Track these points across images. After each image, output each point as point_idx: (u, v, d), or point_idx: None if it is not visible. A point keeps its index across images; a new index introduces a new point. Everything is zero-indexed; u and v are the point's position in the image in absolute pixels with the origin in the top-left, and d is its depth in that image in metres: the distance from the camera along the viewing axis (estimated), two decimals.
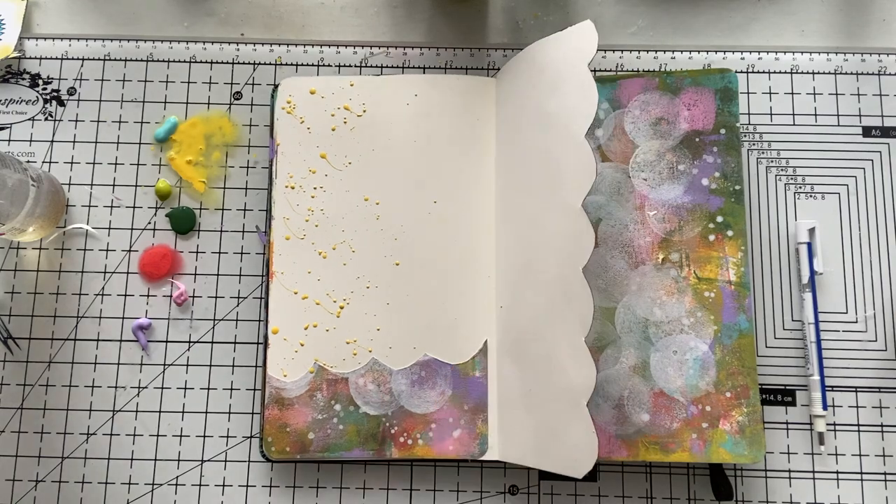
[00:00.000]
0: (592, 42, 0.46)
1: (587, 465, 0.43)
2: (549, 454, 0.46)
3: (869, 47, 0.55)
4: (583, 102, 0.46)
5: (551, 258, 0.47)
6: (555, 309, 0.46)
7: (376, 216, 0.52)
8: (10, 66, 0.55)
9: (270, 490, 0.51)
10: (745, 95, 0.54)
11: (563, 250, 0.46)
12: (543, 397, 0.46)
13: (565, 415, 0.45)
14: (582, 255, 0.44)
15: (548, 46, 0.50)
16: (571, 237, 0.45)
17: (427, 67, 0.56)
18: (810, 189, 0.53)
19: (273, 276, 0.51)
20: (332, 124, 0.53)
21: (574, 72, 0.47)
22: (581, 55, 0.47)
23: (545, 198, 0.48)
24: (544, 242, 0.47)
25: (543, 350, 0.47)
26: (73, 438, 0.51)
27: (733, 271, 0.50)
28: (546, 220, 0.47)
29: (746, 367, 0.48)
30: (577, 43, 0.48)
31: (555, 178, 0.47)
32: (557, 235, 0.46)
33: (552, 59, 0.49)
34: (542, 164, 0.48)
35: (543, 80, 0.49)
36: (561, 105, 0.47)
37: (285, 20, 0.56)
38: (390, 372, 0.50)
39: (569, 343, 0.45)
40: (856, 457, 0.50)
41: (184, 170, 0.54)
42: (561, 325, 0.45)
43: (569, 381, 0.45)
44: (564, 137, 0.46)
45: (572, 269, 0.45)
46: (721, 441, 0.48)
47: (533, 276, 0.48)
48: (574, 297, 0.45)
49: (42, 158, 0.54)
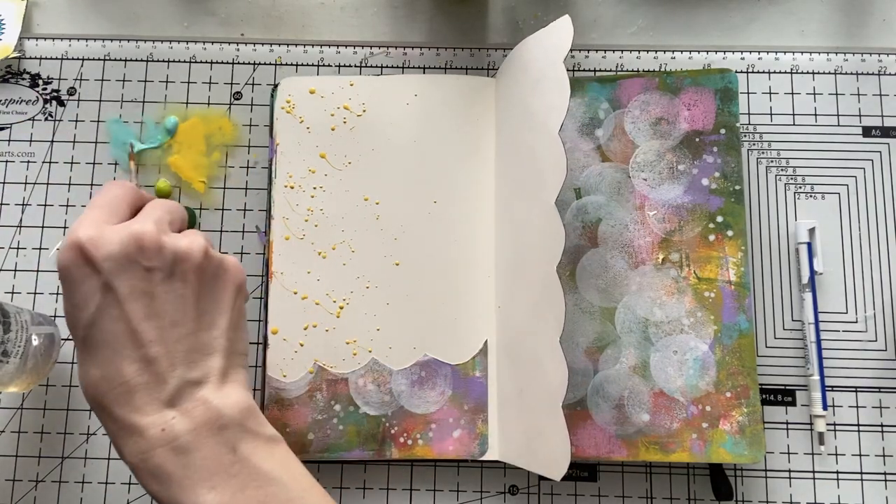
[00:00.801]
0: (567, 38, 0.46)
1: (562, 468, 0.43)
2: (535, 455, 0.46)
3: (869, 47, 0.55)
4: (558, 98, 0.46)
5: (534, 257, 0.47)
6: (537, 308, 0.46)
7: (376, 216, 0.52)
8: (10, 66, 0.55)
9: None
10: (745, 95, 0.54)
11: (542, 249, 0.45)
12: (530, 398, 0.46)
13: (545, 416, 0.44)
14: (555, 253, 0.44)
15: (531, 44, 0.50)
16: (548, 235, 0.45)
17: (427, 67, 0.56)
18: (810, 189, 0.53)
19: (272, 276, 0.51)
20: (332, 124, 0.53)
21: (552, 68, 0.47)
22: (558, 51, 0.46)
23: (530, 196, 0.48)
24: (529, 241, 0.47)
25: (530, 350, 0.47)
26: (73, 438, 0.51)
27: (733, 271, 0.50)
28: (530, 218, 0.47)
29: (746, 367, 0.48)
30: (555, 39, 0.47)
31: (537, 176, 0.47)
32: (539, 234, 0.46)
33: (534, 57, 0.49)
34: (527, 162, 0.48)
35: (527, 78, 0.49)
36: (541, 102, 0.47)
37: (285, 20, 0.56)
38: (390, 372, 0.50)
39: (547, 343, 0.44)
40: (856, 457, 0.50)
41: (184, 170, 0.54)
42: (543, 325, 0.45)
43: (549, 381, 0.44)
44: (544, 135, 0.46)
45: (548, 268, 0.45)
46: (721, 441, 0.48)
47: (521, 275, 0.48)
48: (550, 297, 0.45)
49: (42, 158, 0.54)
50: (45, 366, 0.49)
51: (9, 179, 0.54)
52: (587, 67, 0.55)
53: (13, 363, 0.45)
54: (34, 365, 0.47)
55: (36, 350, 0.47)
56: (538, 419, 0.45)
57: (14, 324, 0.45)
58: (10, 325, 0.44)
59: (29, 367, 0.47)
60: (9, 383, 0.47)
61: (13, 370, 0.45)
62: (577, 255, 0.51)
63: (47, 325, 0.49)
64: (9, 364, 0.45)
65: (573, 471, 0.50)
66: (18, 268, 0.53)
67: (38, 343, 0.47)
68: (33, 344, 0.47)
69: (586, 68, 0.55)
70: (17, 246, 0.53)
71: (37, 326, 0.48)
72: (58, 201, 0.53)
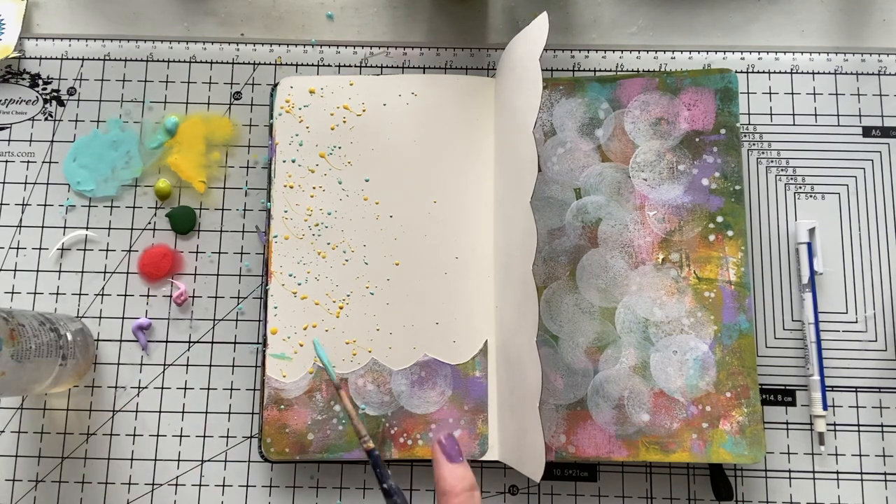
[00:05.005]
0: (543, 35, 0.46)
1: (539, 470, 0.43)
2: (522, 455, 0.46)
3: (869, 47, 0.55)
4: (534, 95, 0.45)
5: (518, 256, 0.47)
6: (520, 309, 0.46)
7: (376, 216, 0.52)
8: (10, 66, 0.55)
9: (270, 490, 0.51)
10: (745, 95, 0.54)
11: (522, 248, 0.45)
12: (517, 398, 0.46)
13: (527, 416, 0.44)
14: (529, 254, 0.44)
15: (517, 43, 0.50)
16: (527, 235, 0.45)
17: (427, 67, 0.56)
18: (810, 189, 0.53)
19: (272, 276, 0.51)
20: (332, 124, 0.53)
21: (531, 66, 0.46)
22: (535, 48, 0.46)
23: (514, 196, 0.48)
24: (515, 241, 0.47)
25: (515, 350, 0.47)
26: (73, 438, 0.51)
27: (733, 271, 0.50)
28: (515, 217, 0.47)
29: (746, 367, 0.48)
30: (534, 36, 0.47)
31: (517, 175, 0.47)
32: (521, 234, 0.46)
33: (519, 55, 0.49)
34: (512, 161, 0.48)
35: (513, 76, 0.49)
36: (523, 100, 0.47)
37: (285, 20, 0.56)
38: (390, 372, 0.50)
39: (526, 343, 0.44)
40: (856, 457, 0.50)
41: (184, 170, 0.54)
42: (524, 325, 0.45)
43: (529, 382, 0.44)
44: (522, 133, 0.46)
45: (524, 269, 0.45)
46: (721, 441, 0.48)
47: (509, 275, 0.48)
48: (527, 297, 0.45)
49: (42, 158, 0.54)
50: (86, 359, 0.51)
51: (9, 179, 0.54)
52: (587, 67, 0.55)
53: (70, 363, 0.48)
54: (77, 361, 0.49)
55: (78, 346, 0.49)
56: (523, 419, 0.45)
57: (62, 329, 0.47)
58: (58, 329, 0.47)
59: (80, 361, 0.49)
60: (65, 383, 0.49)
61: (71, 369, 0.48)
62: (577, 255, 0.51)
63: (76, 321, 0.51)
64: (67, 366, 0.47)
65: (573, 471, 0.50)
66: (18, 268, 0.53)
67: (80, 339, 0.50)
68: (77, 341, 0.49)
69: (586, 68, 0.55)
70: (17, 246, 0.53)
71: (71, 322, 0.50)
72: (58, 201, 0.54)
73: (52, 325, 0.47)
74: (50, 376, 0.46)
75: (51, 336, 0.46)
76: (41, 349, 0.44)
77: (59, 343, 0.46)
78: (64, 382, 0.49)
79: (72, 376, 0.49)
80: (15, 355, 0.42)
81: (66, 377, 0.49)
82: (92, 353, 0.51)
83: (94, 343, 0.52)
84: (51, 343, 0.46)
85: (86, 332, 0.51)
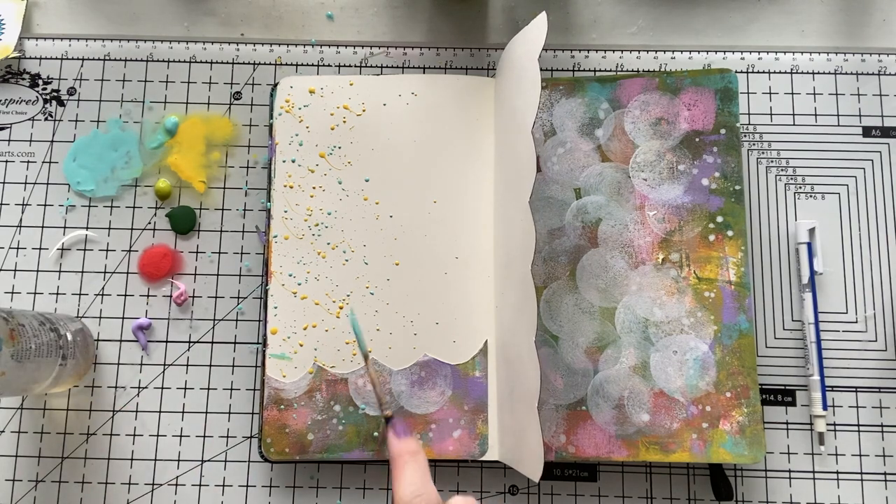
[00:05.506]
0: (541, 35, 0.46)
1: (538, 470, 0.42)
2: (521, 455, 0.46)
3: (869, 47, 0.55)
4: (533, 95, 0.45)
5: (517, 256, 0.47)
6: (519, 309, 0.46)
7: (376, 216, 0.52)
8: (10, 66, 0.55)
9: (270, 490, 0.51)
10: (745, 95, 0.54)
11: (521, 248, 0.45)
12: (517, 398, 0.46)
13: (526, 416, 0.44)
14: (528, 254, 0.44)
15: (516, 43, 0.50)
16: (527, 235, 0.45)
17: (427, 67, 0.56)
18: (810, 189, 0.53)
19: (272, 276, 0.51)
20: (332, 124, 0.53)
21: (530, 66, 0.46)
22: (534, 49, 0.46)
23: (514, 196, 0.48)
24: (514, 241, 0.47)
25: (515, 350, 0.47)
26: (73, 438, 0.51)
27: (733, 271, 0.50)
28: (514, 218, 0.47)
29: (746, 367, 0.48)
30: (533, 36, 0.47)
31: (517, 175, 0.47)
32: (520, 234, 0.46)
33: (518, 55, 0.49)
34: (512, 161, 0.48)
35: (512, 77, 0.49)
36: (522, 101, 0.47)
37: (285, 20, 0.56)
38: (390, 372, 0.50)
39: (525, 343, 0.44)
40: (856, 457, 0.50)
41: (184, 170, 0.54)
42: (522, 325, 0.45)
43: (528, 382, 0.44)
44: (522, 133, 0.46)
45: (523, 269, 0.45)
46: (721, 441, 0.48)
47: (508, 276, 0.48)
48: (526, 297, 0.45)
49: (42, 158, 0.54)
50: (86, 359, 0.51)
51: (9, 179, 0.54)
52: (587, 67, 0.55)
53: (70, 363, 0.48)
54: (77, 361, 0.49)
55: (78, 346, 0.49)
56: (522, 419, 0.45)
57: (62, 329, 0.47)
58: (58, 329, 0.47)
59: (80, 361, 0.49)
60: (65, 383, 0.49)
61: (70, 369, 0.48)
62: (577, 255, 0.51)
63: (76, 321, 0.51)
64: (67, 366, 0.47)
65: (573, 471, 0.50)
66: (18, 268, 0.53)
67: (79, 339, 0.49)
68: (77, 341, 0.49)
69: (586, 68, 0.55)
70: (17, 246, 0.53)
71: (71, 322, 0.50)
72: (58, 201, 0.54)
73: (52, 325, 0.47)
74: (50, 376, 0.46)
75: (51, 336, 0.46)
76: (41, 349, 0.44)
77: (59, 343, 0.46)
78: (64, 382, 0.49)
79: (72, 376, 0.49)
80: (15, 355, 0.42)
81: (66, 377, 0.49)
82: (92, 353, 0.51)
83: (94, 343, 0.52)
84: (51, 343, 0.46)
85: (86, 332, 0.51)
